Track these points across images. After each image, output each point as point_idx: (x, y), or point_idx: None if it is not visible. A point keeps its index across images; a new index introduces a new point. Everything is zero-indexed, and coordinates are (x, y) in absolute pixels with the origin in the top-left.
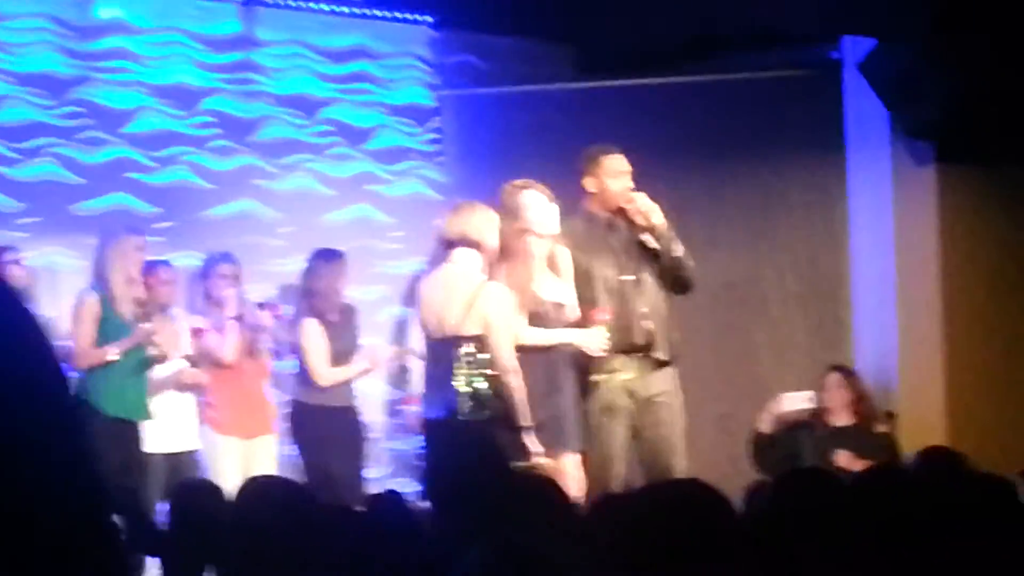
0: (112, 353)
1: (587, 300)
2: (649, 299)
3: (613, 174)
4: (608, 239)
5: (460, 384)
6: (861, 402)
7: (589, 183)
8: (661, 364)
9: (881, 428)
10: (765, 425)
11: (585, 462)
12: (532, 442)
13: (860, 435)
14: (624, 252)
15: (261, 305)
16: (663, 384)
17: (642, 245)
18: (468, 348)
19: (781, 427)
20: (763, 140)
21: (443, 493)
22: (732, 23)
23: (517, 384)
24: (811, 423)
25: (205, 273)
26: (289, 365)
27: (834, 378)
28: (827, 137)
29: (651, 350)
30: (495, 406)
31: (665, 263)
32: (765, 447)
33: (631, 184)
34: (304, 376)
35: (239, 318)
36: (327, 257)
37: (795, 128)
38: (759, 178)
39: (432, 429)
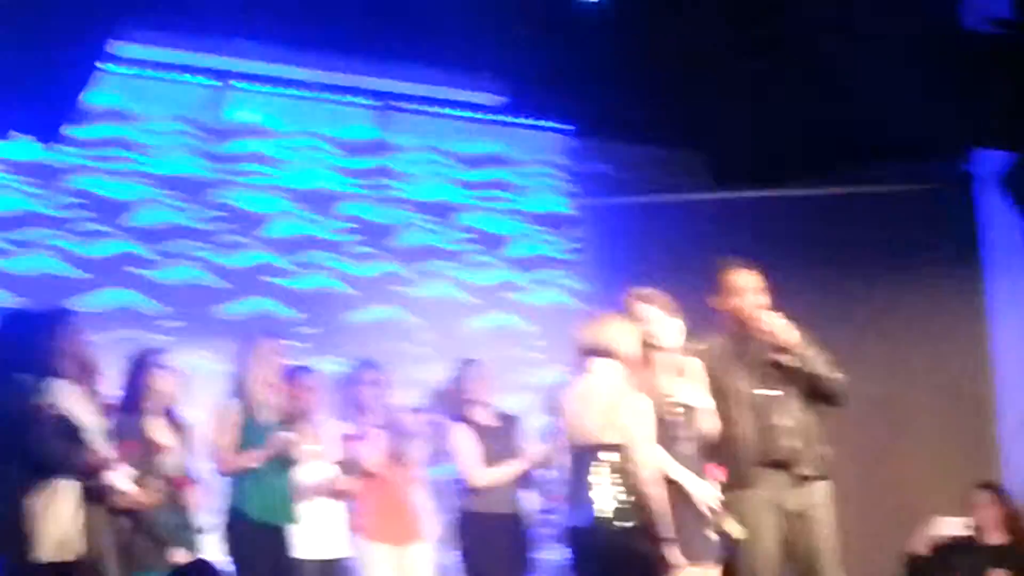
0: (251, 460)
1: (723, 416)
2: (792, 414)
3: (739, 291)
4: (743, 355)
5: (601, 494)
6: (1014, 519)
7: (718, 302)
8: (807, 479)
9: None
10: (920, 546)
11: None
12: (674, 554)
13: (1015, 553)
14: (761, 367)
15: (415, 410)
16: (811, 498)
17: (780, 363)
18: (609, 457)
19: (935, 548)
20: (897, 254)
21: None
22: (867, 135)
23: (658, 495)
24: (965, 543)
25: (351, 379)
26: (446, 471)
27: (985, 496)
28: (962, 249)
29: (794, 466)
30: (636, 516)
31: (808, 379)
32: (919, 568)
33: (761, 300)
34: (463, 483)
35: (385, 425)
36: (470, 362)
37: (929, 241)
38: (896, 293)
39: (574, 538)
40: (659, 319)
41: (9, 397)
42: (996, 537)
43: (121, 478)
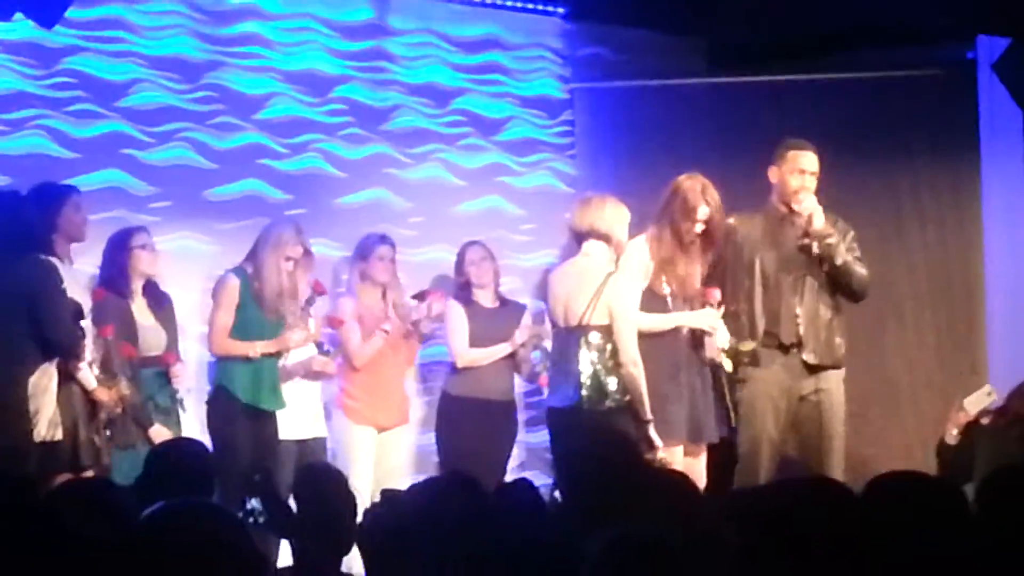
0: (255, 352)
1: (744, 289)
2: (807, 301)
3: (793, 170)
4: (779, 234)
5: (584, 374)
6: None
7: (772, 173)
8: (812, 367)
9: None
10: (951, 437)
11: (711, 455)
12: (654, 435)
13: None
14: (792, 250)
15: (418, 296)
16: (816, 383)
17: (808, 248)
18: (593, 337)
19: (964, 432)
20: (896, 139)
21: (569, 480)
22: (867, 18)
23: (639, 376)
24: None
25: (363, 254)
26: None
27: None
28: (961, 137)
29: (800, 350)
30: (618, 397)
31: (828, 269)
32: (948, 457)
33: (810, 183)
34: (451, 365)
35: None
36: (472, 244)
37: (929, 127)
38: (892, 177)
39: (557, 418)
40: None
41: (30, 277)
42: None
43: (87, 373)
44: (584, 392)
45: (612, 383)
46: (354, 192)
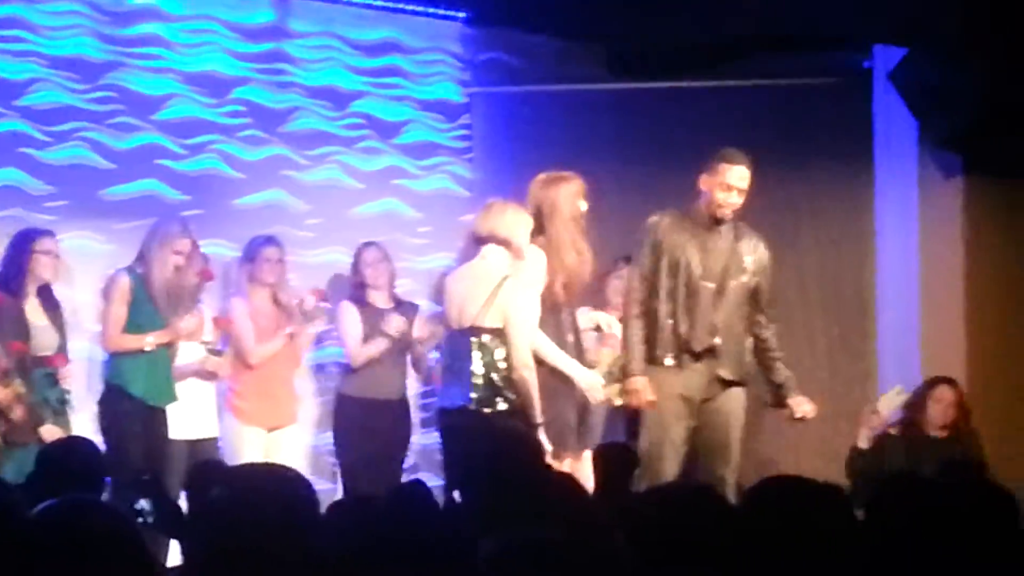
0: (148, 344)
1: (658, 290)
2: (726, 313)
3: (722, 184)
4: (706, 241)
5: (476, 375)
6: (964, 417)
7: (703, 182)
8: (723, 382)
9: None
10: (863, 441)
11: (597, 463)
12: (543, 438)
13: (953, 447)
14: (715, 259)
15: (315, 293)
16: (725, 395)
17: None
18: (486, 339)
19: (875, 440)
20: (792, 146)
21: (464, 482)
22: (765, 26)
23: (531, 379)
24: (903, 435)
25: (250, 255)
26: (330, 353)
27: (945, 390)
28: (856, 146)
29: (713, 363)
30: (509, 399)
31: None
32: (857, 460)
33: (736, 200)
34: (345, 366)
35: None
36: (368, 245)
37: (824, 136)
38: (786, 184)
39: (448, 418)
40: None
41: None
42: (937, 431)
43: None
44: (475, 394)
45: (503, 385)
46: (252, 193)
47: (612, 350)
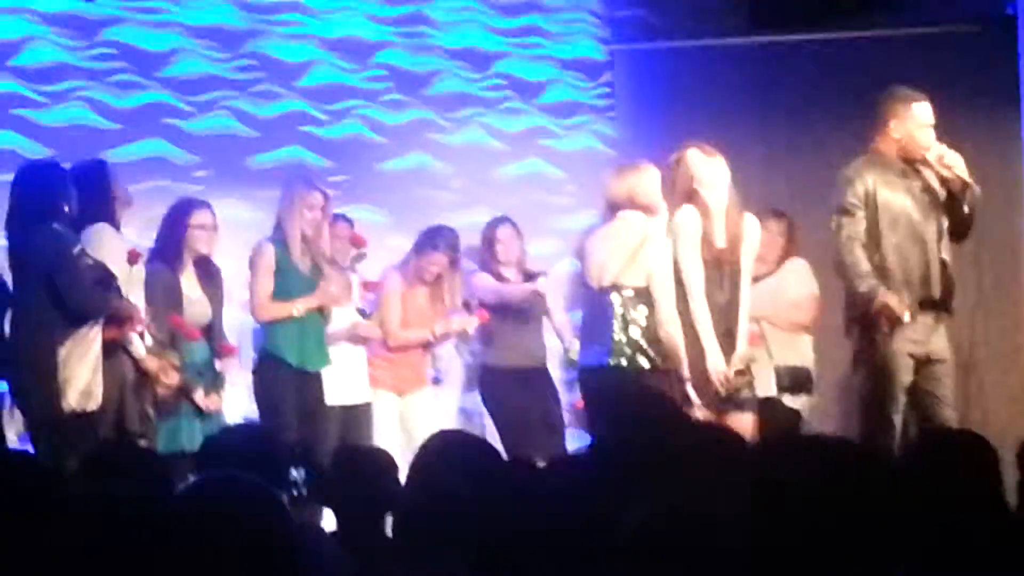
0: (295, 310)
1: (879, 239)
2: (940, 251)
3: (920, 125)
4: (913, 187)
5: (616, 333)
6: None
7: (895, 128)
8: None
9: None
10: None
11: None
12: (692, 393)
13: None
14: (921, 198)
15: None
16: (942, 342)
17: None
18: (627, 297)
19: None
20: (936, 96)
21: (605, 443)
22: None
23: (676, 337)
24: None
25: (420, 249)
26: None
27: None
28: (1001, 94)
29: (946, 304)
30: (651, 357)
31: (959, 217)
32: None
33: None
34: (488, 337)
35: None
36: (499, 220)
37: (968, 84)
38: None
39: (588, 378)
40: (713, 174)
41: (43, 246)
42: None
43: (138, 342)
44: (615, 352)
45: (645, 344)
46: (396, 157)
47: (751, 351)
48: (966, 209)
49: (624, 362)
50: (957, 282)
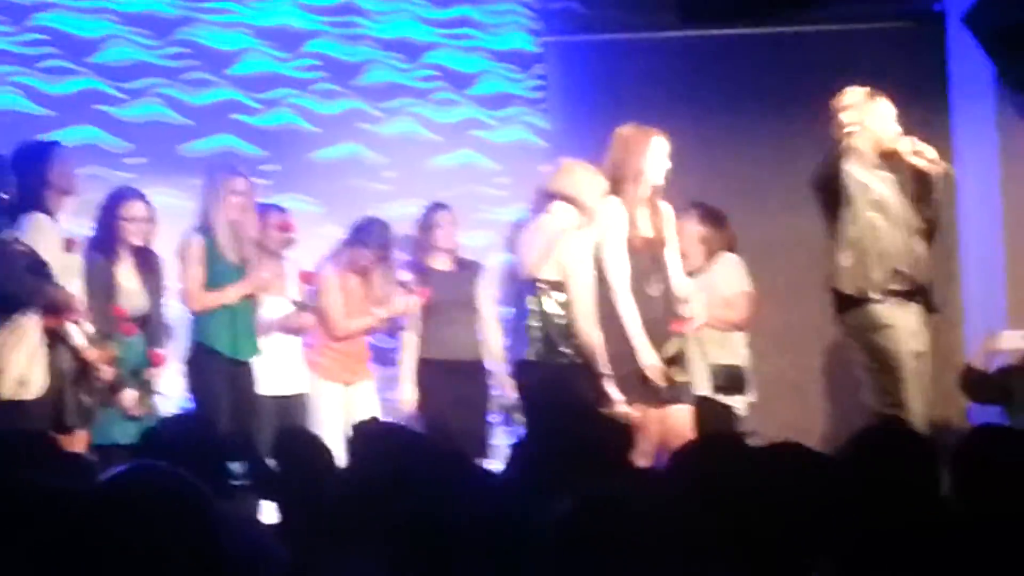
0: (226, 298)
1: (858, 220)
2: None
3: (882, 118)
4: (884, 176)
5: (533, 327)
6: None
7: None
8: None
9: None
10: (979, 361)
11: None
12: (613, 390)
13: None
14: (899, 192)
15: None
16: (925, 339)
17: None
18: (543, 291)
19: (994, 365)
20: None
21: (529, 432)
22: None
23: (592, 332)
24: None
25: (355, 242)
26: None
27: None
28: (931, 91)
29: (922, 297)
30: (566, 352)
31: (934, 207)
32: (977, 381)
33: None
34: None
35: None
36: (436, 207)
37: (898, 81)
38: None
39: (514, 371)
40: (656, 156)
41: None
42: None
43: (76, 331)
44: (534, 346)
45: (562, 338)
46: (328, 146)
47: (681, 339)
48: (937, 198)
49: (541, 356)
50: None
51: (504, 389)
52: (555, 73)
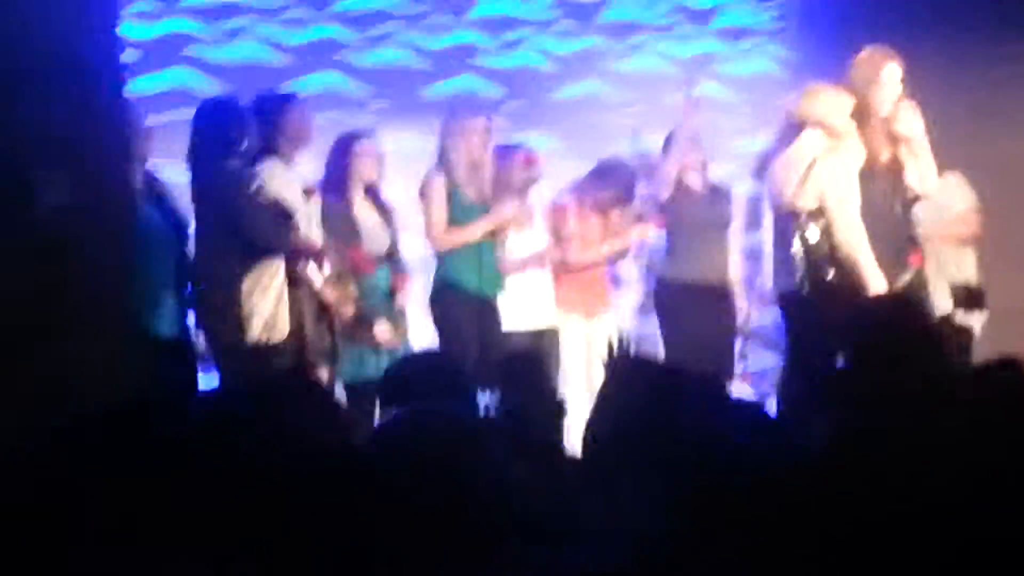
0: (470, 235)
1: None
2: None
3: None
4: None
5: (796, 257)
6: None
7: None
8: None
9: None
10: None
11: None
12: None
13: None
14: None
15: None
16: None
17: None
18: (803, 221)
19: None
20: None
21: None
22: None
23: (860, 256)
24: None
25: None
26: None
27: None
28: None
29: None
30: (834, 270)
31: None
32: None
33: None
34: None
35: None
36: (681, 127)
37: None
38: None
39: (778, 302)
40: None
41: (222, 184)
42: None
43: (315, 272)
44: (798, 275)
45: (825, 265)
46: (569, 85)
47: (917, 271)
48: None
49: (811, 284)
50: None
51: (748, 316)
52: (793, 2)
